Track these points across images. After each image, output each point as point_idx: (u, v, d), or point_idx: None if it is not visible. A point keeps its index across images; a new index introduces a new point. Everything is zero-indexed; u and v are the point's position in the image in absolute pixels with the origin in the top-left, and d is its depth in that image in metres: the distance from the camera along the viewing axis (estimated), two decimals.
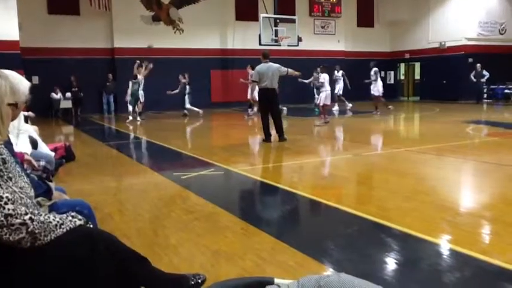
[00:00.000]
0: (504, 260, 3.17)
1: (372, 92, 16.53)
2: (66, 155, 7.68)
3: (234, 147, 9.51)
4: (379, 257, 3.36)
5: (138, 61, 15.73)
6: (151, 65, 15.65)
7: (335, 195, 5.34)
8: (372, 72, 16.42)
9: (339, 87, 18.69)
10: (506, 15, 22.96)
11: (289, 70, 9.83)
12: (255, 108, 15.74)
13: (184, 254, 3.46)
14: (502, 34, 22.92)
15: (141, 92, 15.53)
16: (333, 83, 17.24)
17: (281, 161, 8.07)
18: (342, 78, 18.72)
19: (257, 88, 10.98)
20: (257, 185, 6.13)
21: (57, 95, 18.20)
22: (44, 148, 6.20)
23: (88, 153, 8.81)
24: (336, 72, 18.67)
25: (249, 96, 16.07)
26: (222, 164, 7.22)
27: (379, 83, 16.47)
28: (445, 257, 3.39)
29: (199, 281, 2.46)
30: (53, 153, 6.48)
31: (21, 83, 2.14)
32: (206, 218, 4.43)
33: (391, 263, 3.26)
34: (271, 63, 9.64)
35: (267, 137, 9.62)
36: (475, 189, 5.87)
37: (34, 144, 5.73)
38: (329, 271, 3.08)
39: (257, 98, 11.76)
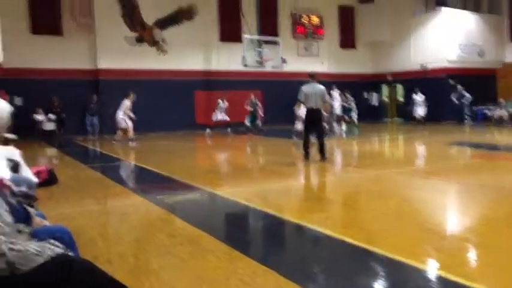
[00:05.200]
0: (487, 284, 3.18)
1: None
2: (49, 179, 7.57)
3: (220, 169, 9.48)
4: (362, 282, 3.34)
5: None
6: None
7: (320, 219, 5.33)
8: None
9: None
10: (484, 38, 23.50)
11: (326, 104, 10.56)
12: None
13: (166, 279, 3.41)
14: (480, 56, 23.42)
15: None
16: None
17: (266, 183, 8.05)
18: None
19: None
20: (242, 209, 6.09)
21: (40, 117, 18.02)
22: (26, 172, 6.10)
23: (71, 176, 8.69)
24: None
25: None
26: (207, 187, 7.18)
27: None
28: (428, 281, 3.38)
29: None
30: (35, 178, 6.38)
31: (2, 110, 2.12)
32: (189, 242, 4.38)
33: None
34: (316, 84, 9.81)
35: (306, 155, 9.87)
36: (458, 211, 5.90)
37: (15, 167, 5.63)
38: None
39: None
